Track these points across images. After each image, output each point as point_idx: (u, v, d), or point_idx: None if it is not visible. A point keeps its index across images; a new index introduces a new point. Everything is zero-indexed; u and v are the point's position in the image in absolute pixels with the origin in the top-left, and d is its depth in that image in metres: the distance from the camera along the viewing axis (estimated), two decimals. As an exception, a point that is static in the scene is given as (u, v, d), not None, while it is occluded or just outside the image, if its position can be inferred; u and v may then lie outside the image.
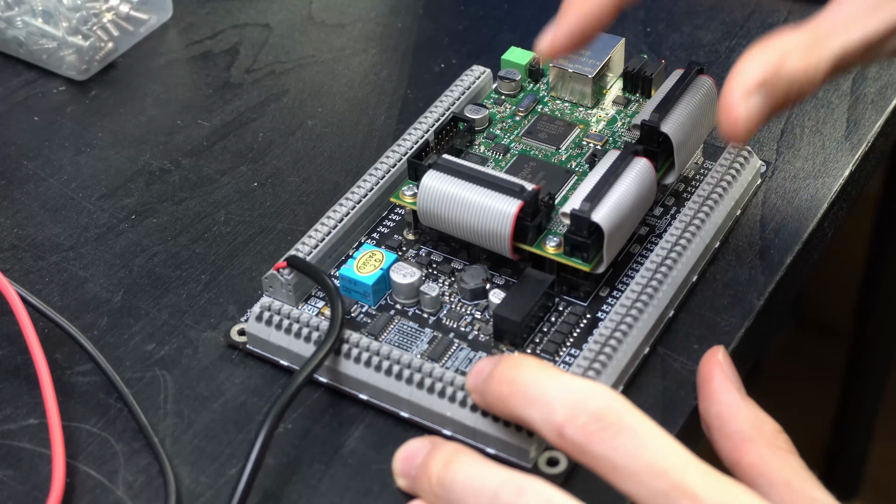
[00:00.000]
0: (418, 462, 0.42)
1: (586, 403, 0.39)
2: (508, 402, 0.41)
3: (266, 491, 0.45)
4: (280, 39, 0.65)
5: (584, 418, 0.38)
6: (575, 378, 0.40)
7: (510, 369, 0.42)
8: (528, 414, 0.40)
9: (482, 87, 0.57)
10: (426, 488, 0.41)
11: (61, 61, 0.62)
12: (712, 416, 0.43)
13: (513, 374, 0.41)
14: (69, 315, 0.51)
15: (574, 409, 0.39)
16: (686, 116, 0.51)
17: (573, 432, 0.38)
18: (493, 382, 0.42)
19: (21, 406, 0.48)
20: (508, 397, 0.41)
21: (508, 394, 0.41)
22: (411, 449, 0.43)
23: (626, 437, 0.38)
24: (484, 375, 0.43)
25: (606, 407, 0.38)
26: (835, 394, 1.20)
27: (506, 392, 0.41)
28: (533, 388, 0.40)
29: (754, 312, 0.50)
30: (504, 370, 0.42)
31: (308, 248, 0.50)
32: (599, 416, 0.38)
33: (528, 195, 0.48)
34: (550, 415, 0.39)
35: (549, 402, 0.39)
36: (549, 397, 0.39)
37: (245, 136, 0.59)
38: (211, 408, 0.47)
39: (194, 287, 0.52)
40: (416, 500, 0.42)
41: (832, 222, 0.55)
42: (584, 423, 0.38)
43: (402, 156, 0.53)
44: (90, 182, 0.57)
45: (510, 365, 0.42)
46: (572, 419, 0.38)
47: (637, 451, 0.37)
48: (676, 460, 0.37)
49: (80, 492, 0.45)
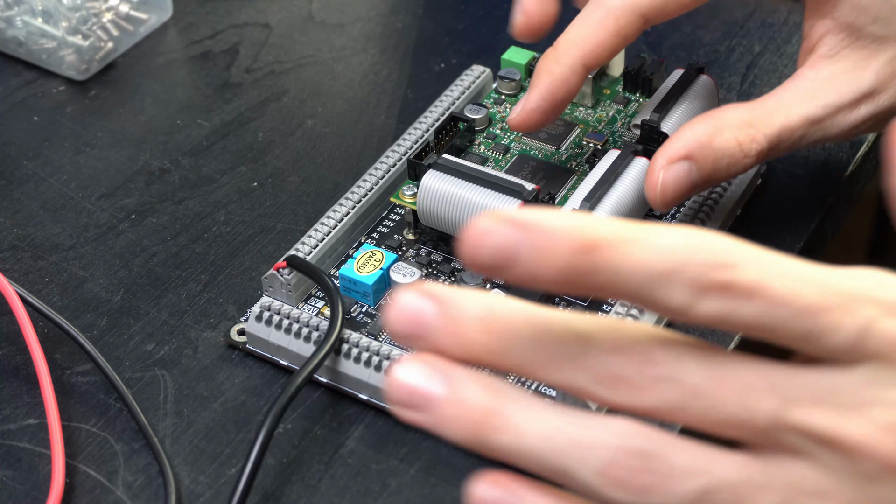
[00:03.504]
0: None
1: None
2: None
3: (266, 491, 0.45)
4: (280, 39, 0.65)
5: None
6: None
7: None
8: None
9: (482, 87, 0.57)
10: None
11: (61, 61, 0.62)
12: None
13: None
14: (69, 315, 0.50)
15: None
16: (686, 116, 0.51)
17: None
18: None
19: (21, 406, 0.48)
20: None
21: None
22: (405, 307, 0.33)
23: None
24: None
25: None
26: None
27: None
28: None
29: (754, 312, 0.50)
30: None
31: (308, 248, 0.50)
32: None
33: (528, 195, 0.48)
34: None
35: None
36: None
37: (245, 136, 0.59)
38: (211, 408, 0.47)
39: (194, 287, 0.52)
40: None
41: (832, 222, 0.55)
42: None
43: (402, 156, 0.53)
44: (90, 182, 0.57)
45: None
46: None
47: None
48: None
49: (80, 492, 0.45)
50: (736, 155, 0.46)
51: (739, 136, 0.46)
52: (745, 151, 0.46)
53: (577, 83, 0.48)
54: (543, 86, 0.48)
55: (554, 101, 0.48)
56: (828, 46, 0.47)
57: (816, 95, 0.47)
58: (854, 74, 0.47)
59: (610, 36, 0.47)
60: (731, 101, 0.58)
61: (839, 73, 0.47)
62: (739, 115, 0.46)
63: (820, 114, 0.46)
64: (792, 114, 0.46)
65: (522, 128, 0.49)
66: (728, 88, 0.59)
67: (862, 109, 0.47)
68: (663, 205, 0.46)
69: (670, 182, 0.46)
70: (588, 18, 0.47)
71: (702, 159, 0.46)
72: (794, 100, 0.47)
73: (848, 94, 0.46)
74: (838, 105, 0.46)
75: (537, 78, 0.48)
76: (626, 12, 0.47)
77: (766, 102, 0.47)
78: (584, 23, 0.47)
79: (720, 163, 0.46)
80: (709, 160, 0.46)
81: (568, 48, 0.47)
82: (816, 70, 0.47)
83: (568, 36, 0.48)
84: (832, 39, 0.47)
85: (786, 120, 0.46)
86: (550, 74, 0.48)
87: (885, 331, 0.30)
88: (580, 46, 0.47)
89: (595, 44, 0.47)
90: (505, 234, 0.31)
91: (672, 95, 0.51)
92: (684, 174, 0.46)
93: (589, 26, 0.47)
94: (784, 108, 0.46)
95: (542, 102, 0.48)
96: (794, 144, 0.47)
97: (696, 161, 0.46)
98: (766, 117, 0.46)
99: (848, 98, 0.46)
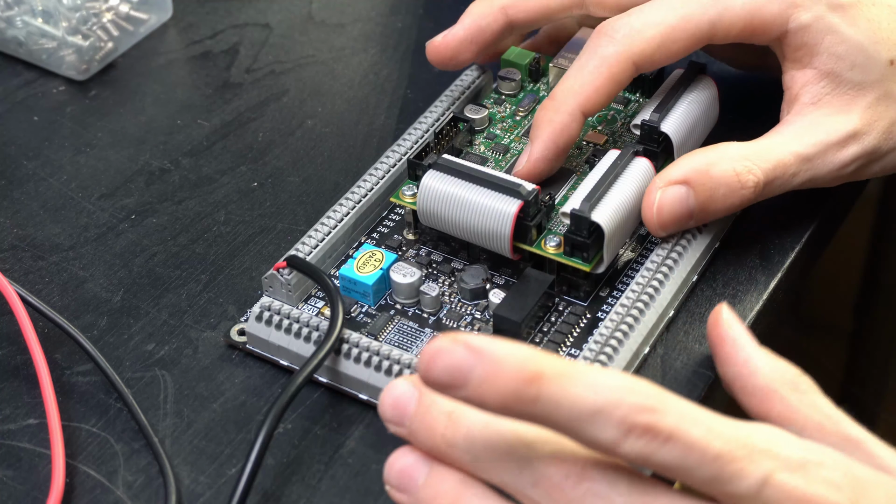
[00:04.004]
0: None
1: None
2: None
3: (266, 491, 0.45)
4: (280, 39, 0.65)
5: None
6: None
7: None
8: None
9: (482, 87, 0.57)
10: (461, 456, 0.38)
11: (61, 61, 0.62)
12: (732, 377, 0.43)
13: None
14: (69, 315, 0.51)
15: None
16: (686, 116, 0.51)
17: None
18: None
19: (21, 406, 0.48)
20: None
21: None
22: (397, 394, 0.39)
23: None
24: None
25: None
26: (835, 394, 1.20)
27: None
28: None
29: (754, 312, 0.50)
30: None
31: (308, 248, 0.50)
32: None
33: (528, 195, 0.48)
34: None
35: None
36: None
37: (245, 136, 0.59)
38: (211, 408, 0.47)
39: (194, 287, 0.52)
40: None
41: (832, 222, 0.55)
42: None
43: (402, 156, 0.53)
44: (90, 182, 0.57)
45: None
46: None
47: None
48: (724, 441, 0.36)
49: (80, 492, 0.45)
50: (733, 185, 0.48)
51: (737, 167, 0.48)
52: (743, 182, 0.48)
53: (577, 130, 0.50)
54: (546, 136, 0.50)
55: (557, 149, 0.50)
56: (811, 94, 0.50)
57: (806, 135, 0.49)
58: (839, 118, 0.49)
59: (605, 83, 0.50)
60: (731, 101, 0.58)
61: (825, 117, 0.49)
62: (737, 150, 0.48)
63: (811, 151, 0.49)
64: (785, 151, 0.49)
65: (530, 179, 0.50)
66: (728, 88, 0.59)
67: (850, 149, 0.49)
68: (660, 226, 0.48)
69: (667, 203, 0.48)
70: (583, 68, 0.50)
71: (699, 185, 0.48)
72: (785, 140, 0.49)
73: (835, 133, 0.49)
74: (827, 144, 0.49)
75: (538, 129, 0.50)
76: (619, 60, 0.49)
77: (760, 142, 0.49)
78: (580, 72, 0.50)
79: (717, 192, 0.48)
80: (706, 187, 0.48)
81: (566, 97, 0.50)
82: (803, 116, 0.50)
83: (565, 85, 0.50)
84: (814, 88, 0.50)
85: (780, 156, 0.48)
86: (551, 124, 0.50)
87: (782, 483, 0.35)
88: (578, 94, 0.50)
89: (591, 91, 0.50)
90: (459, 357, 0.35)
91: (672, 95, 0.51)
92: (681, 198, 0.48)
93: (585, 75, 0.50)
94: (777, 146, 0.49)
95: (546, 152, 0.50)
96: (788, 182, 0.49)
97: (693, 187, 0.48)
98: (762, 153, 0.48)
99: (835, 138, 0.49)
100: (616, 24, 0.50)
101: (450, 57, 0.55)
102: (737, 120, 0.56)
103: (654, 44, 0.49)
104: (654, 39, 0.49)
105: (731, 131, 0.52)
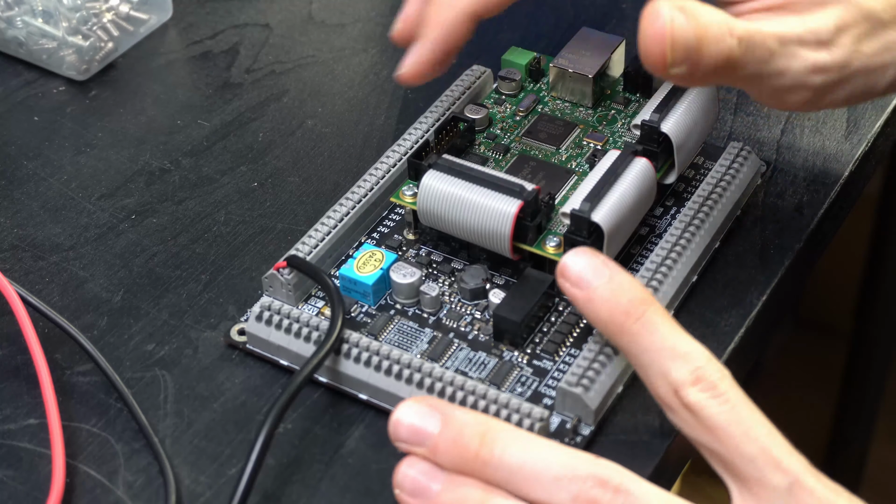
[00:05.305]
0: (452, 437, 0.41)
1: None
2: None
3: (266, 491, 0.45)
4: (280, 39, 0.65)
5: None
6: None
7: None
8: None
9: (482, 87, 0.57)
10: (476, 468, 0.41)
11: (61, 61, 0.62)
12: None
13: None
14: (69, 315, 0.50)
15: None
16: (686, 116, 0.51)
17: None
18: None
19: (21, 406, 0.48)
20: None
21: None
22: (414, 416, 0.42)
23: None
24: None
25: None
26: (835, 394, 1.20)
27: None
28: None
29: (754, 312, 0.50)
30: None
31: (308, 247, 0.50)
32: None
33: (528, 195, 0.48)
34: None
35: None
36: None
37: (245, 136, 0.59)
38: (211, 408, 0.47)
39: (194, 287, 0.52)
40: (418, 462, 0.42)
41: (832, 222, 0.55)
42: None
43: (402, 156, 0.53)
44: (90, 182, 0.57)
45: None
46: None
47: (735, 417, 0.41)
48: (768, 430, 0.40)
49: (80, 492, 0.45)
50: (722, 27, 0.43)
51: (728, 18, 0.44)
52: (731, 27, 0.44)
53: (468, 33, 0.48)
54: (435, 36, 0.47)
55: (446, 52, 0.48)
56: (773, 2, 0.46)
57: (780, 24, 0.45)
58: (807, 18, 0.45)
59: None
60: (731, 100, 0.58)
61: (794, 16, 0.46)
62: (713, 9, 0.45)
63: (787, 34, 0.45)
64: (764, 26, 0.45)
65: (412, 81, 0.48)
66: (728, 87, 0.59)
67: (821, 55, 0.45)
68: (673, 62, 0.43)
69: (679, 27, 0.43)
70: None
71: (692, 17, 0.43)
72: (760, 24, 0.45)
73: (808, 34, 0.45)
74: (800, 38, 0.45)
75: (427, 28, 0.48)
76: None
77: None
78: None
79: (709, 30, 0.43)
80: (699, 21, 0.43)
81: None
82: (776, 12, 0.46)
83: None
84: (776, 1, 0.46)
85: (757, 26, 0.45)
86: (441, 25, 0.47)
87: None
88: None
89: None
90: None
91: (672, 95, 0.51)
92: (686, 25, 0.43)
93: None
94: (755, 23, 0.45)
95: (433, 55, 0.48)
96: (765, 58, 0.45)
97: (688, 16, 0.43)
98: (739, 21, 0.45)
99: (809, 37, 0.45)
100: None
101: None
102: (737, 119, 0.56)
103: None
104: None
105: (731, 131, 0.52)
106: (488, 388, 0.45)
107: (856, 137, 0.57)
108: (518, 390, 0.46)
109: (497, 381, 0.47)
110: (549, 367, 0.47)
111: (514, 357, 0.47)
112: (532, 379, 0.47)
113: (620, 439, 0.46)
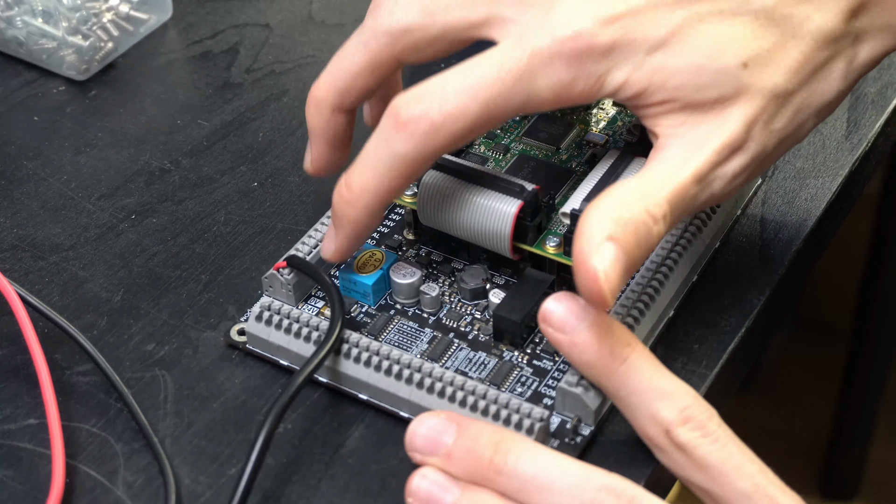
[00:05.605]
0: (467, 446, 0.42)
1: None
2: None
3: (266, 491, 0.45)
4: (280, 39, 0.65)
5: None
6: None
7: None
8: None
9: (482, 87, 0.57)
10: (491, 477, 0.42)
11: (61, 61, 0.62)
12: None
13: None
14: (69, 315, 0.50)
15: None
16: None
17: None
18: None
19: (21, 406, 0.48)
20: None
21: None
22: (431, 426, 0.43)
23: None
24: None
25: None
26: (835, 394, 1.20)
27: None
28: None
29: (754, 312, 0.50)
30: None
31: (308, 247, 0.50)
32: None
33: (528, 195, 0.48)
34: None
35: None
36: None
37: (245, 136, 0.59)
38: (211, 408, 0.47)
39: (194, 287, 0.52)
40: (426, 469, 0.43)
41: (832, 222, 0.55)
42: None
43: (402, 156, 0.53)
44: (90, 182, 0.57)
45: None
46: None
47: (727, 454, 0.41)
48: (759, 467, 0.41)
49: (80, 492, 0.45)
50: (647, 223, 0.43)
51: (645, 203, 0.43)
52: (654, 217, 0.43)
53: (380, 218, 0.47)
54: (348, 224, 0.47)
55: (360, 237, 0.47)
56: (677, 128, 0.45)
57: (691, 158, 0.44)
58: (714, 135, 0.44)
59: (397, 178, 0.46)
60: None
61: (701, 136, 0.44)
62: (631, 188, 0.44)
63: (703, 170, 0.44)
64: (678, 176, 0.44)
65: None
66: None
67: (736, 160, 0.44)
68: (607, 293, 0.41)
69: (609, 266, 0.41)
70: (377, 164, 0.46)
71: (622, 237, 0.42)
72: (673, 166, 0.44)
73: (718, 150, 0.44)
74: (713, 162, 0.44)
75: (338, 223, 0.47)
76: (415, 159, 0.45)
77: (646, 175, 0.44)
78: (373, 168, 0.47)
79: (639, 233, 0.42)
80: (630, 233, 0.42)
81: (362, 194, 0.46)
82: (679, 143, 0.45)
83: (362, 179, 0.47)
84: (675, 122, 0.45)
85: (676, 181, 0.44)
86: (350, 221, 0.46)
87: None
88: (372, 192, 0.46)
89: (386, 187, 0.46)
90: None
91: (672, 95, 0.51)
92: (616, 255, 0.42)
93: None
94: (668, 173, 0.44)
95: (350, 239, 0.47)
96: (688, 206, 0.44)
97: (616, 241, 0.42)
98: (657, 184, 0.44)
99: (720, 155, 0.44)
100: (415, 111, 0.45)
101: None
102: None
103: (455, 138, 0.44)
104: (455, 134, 0.44)
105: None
106: (488, 388, 0.45)
107: (856, 137, 0.57)
108: (518, 390, 0.46)
109: (497, 381, 0.47)
110: (549, 367, 0.47)
111: (514, 357, 0.47)
112: (532, 379, 0.47)
113: (620, 440, 0.46)
